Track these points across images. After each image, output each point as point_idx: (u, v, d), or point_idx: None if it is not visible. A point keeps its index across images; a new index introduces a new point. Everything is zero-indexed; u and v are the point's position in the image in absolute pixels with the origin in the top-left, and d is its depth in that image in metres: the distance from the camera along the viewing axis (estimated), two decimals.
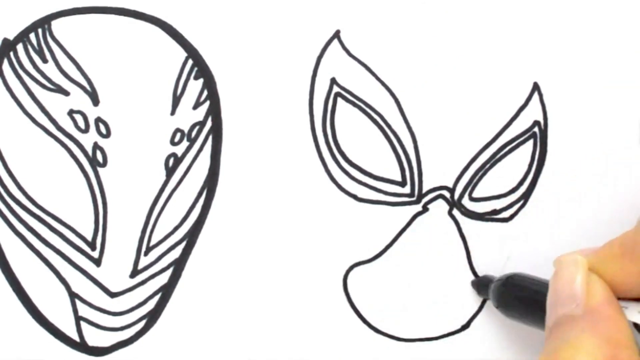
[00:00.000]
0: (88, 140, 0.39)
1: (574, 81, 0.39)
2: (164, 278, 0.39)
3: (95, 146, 0.39)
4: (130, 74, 0.39)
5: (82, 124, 0.39)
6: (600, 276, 0.31)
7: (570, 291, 0.31)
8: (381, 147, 0.39)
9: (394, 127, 0.39)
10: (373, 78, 0.39)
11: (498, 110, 0.39)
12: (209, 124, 0.39)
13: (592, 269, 0.31)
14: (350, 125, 0.39)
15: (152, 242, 0.39)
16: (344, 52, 0.39)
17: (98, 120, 0.39)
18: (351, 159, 0.39)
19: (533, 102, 0.39)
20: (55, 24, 0.39)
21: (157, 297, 0.39)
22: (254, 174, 0.39)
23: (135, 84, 0.39)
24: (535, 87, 0.39)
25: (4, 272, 0.39)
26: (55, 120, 0.39)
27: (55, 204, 0.39)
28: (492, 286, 0.37)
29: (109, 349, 0.39)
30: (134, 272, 0.39)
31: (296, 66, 0.39)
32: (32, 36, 0.39)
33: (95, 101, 0.39)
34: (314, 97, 0.39)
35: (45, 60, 0.39)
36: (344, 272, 0.39)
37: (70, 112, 0.39)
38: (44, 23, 0.39)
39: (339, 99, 0.39)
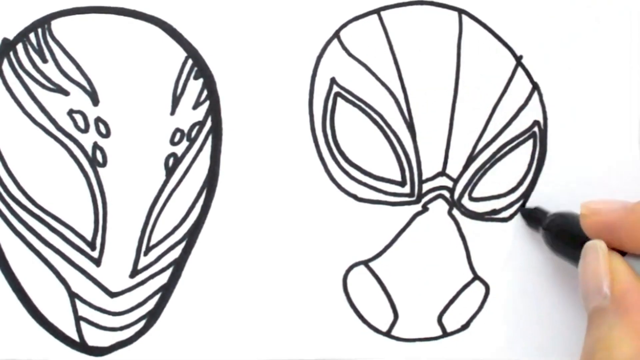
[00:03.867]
0: (88, 140, 0.39)
1: (574, 81, 0.39)
2: (163, 278, 0.39)
3: (95, 146, 0.39)
4: (130, 73, 0.39)
5: (82, 124, 0.39)
6: (632, 237, 0.31)
7: (596, 284, 0.31)
8: (381, 147, 0.39)
9: (394, 127, 0.39)
10: (373, 78, 0.39)
11: (498, 110, 0.39)
12: (208, 123, 0.39)
13: (624, 228, 0.31)
14: (350, 125, 0.39)
15: (152, 242, 0.39)
16: (344, 52, 0.39)
17: (98, 120, 0.39)
18: (351, 159, 0.39)
19: (533, 102, 0.39)
20: (55, 24, 0.39)
21: (156, 297, 0.39)
22: (254, 174, 0.39)
23: (135, 84, 0.39)
24: (535, 87, 0.39)
25: (4, 272, 0.39)
26: (55, 120, 0.39)
27: (55, 204, 0.39)
28: (546, 224, 0.37)
29: (109, 348, 0.39)
30: (134, 272, 0.39)
31: (296, 66, 0.39)
32: (32, 36, 0.39)
33: (95, 101, 0.39)
34: (314, 97, 0.39)
35: (45, 60, 0.39)
36: (344, 272, 0.39)
37: (70, 112, 0.39)
38: (44, 23, 0.39)
39: (339, 99, 0.39)
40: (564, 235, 0.36)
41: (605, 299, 0.30)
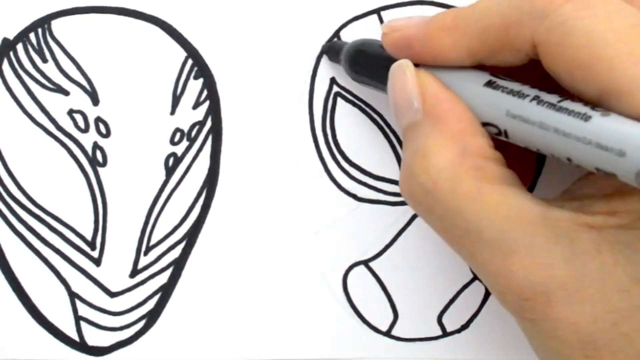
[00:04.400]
0: (88, 140, 0.39)
1: None
2: (163, 278, 0.39)
3: (95, 146, 0.39)
4: (130, 73, 0.39)
5: (82, 124, 0.39)
6: (429, 48, 0.31)
7: (407, 101, 0.31)
8: (381, 147, 0.39)
9: (394, 127, 0.39)
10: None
11: None
12: (208, 123, 0.39)
13: (422, 40, 0.31)
14: (350, 125, 0.39)
15: (152, 242, 0.39)
16: None
17: (98, 120, 0.39)
18: (351, 158, 0.39)
19: None
20: (55, 24, 0.39)
21: (156, 297, 0.39)
22: (254, 174, 0.39)
23: (135, 84, 0.39)
24: None
25: (4, 272, 0.39)
26: (55, 120, 0.39)
27: (55, 203, 0.39)
28: (344, 51, 0.36)
29: (109, 348, 0.39)
30: (134, 272, 0.39)
31: (296, 66, 0.39)
32: (32, 36, 0.39)
33: (95, 101, 0.39)
34: (314, 97, 0.39)
35: (45, 60, 0.39)
36: (343, 272, 0.39)
37: (70, 112, 0.39)
38: (44, 23, 0.39)
39: (339, 99, 0.39)
40: (363, 58, 0.35)
41: (417, 113, 0.30)
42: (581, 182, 0.30)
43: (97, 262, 0.39)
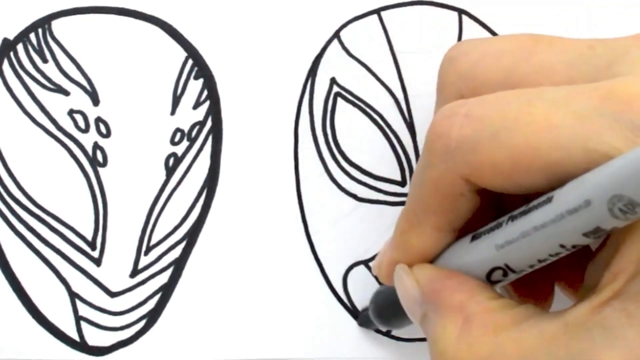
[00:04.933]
0: (88, 140, 0.39)
1: None
2: (164, 278, 0.39)
3: (95, 146, 0.39)
4: (130, 74, 0.39)
5: (82, 124, 0.39)
6: (407, 255, 0.31)
7: (410, 298, 0.31)
8: (381, 147, 0.39)
9: (394, 127, 0.39)
10: (373, 78, 0.39)
11: None
12: (209, 123, 0.39)
13: (397, 255, 0.31)
14: (350, 125, 0.39)
15: (152, 242, 0.39)
16: (344, 52, 0.39)
17: (98, 120, 0.39)
18: (351, 159, 0.39)
19: None
20: (56, 24, 0.39)
21: (157, 297, 0.39)
22: (254, 174, 0.39)
23: (135, 84, 0.39)
24: None
25: (4, 272, 0.39)
26: (55, 120, 0.39)
27: (55, 203, 0.39)
28: (370, 313, 0.37)
29: (109, 348, 0.39)
30: (134, 272, 0.39)
31: (296, 66, 0.39)
32: (32, 36, 0.39)
33: (95, 101, 0.39)
34: (314, 97, 0.39)
35: (45, 60, 0.39)
36: (343, 272, 0.39)
37: (70, 112, 0.39)
38: (44, 23, 0.39)
39: (339, 99, 0.39)
40: (381, 311, 0.36)
41: (421, 305, 0.30)
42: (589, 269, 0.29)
43: (97, 262, 0.39)
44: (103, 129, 0.39)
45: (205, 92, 0.39)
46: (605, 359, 0.24)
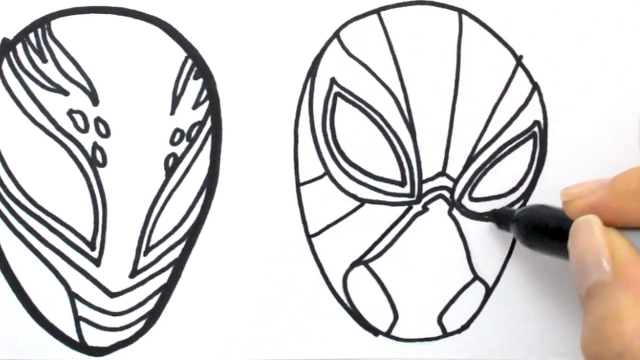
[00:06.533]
0: (88, 140, 0.39)
1: (574, 81, 0.39)
2: (163, 278, 0.39)
3: (95, 146, 0.39)
4: (130, 74, 0.39)
5: (81, 124, 0.39)
6: (618, 213, 0.31)
7: (595, 259, 0.30)
8: (381, 147, 0.39)
9: (394, 127, 0.39)
10: (373, 78, 0.39)
11: (498, 110, 0.39)
12: (208, 123, 0.39)
13: (609, 206, 0.31)
14: (350, 125, 0.39)
15: (152, 242, 0.39)
16: (344, 52, 0.39)
17: (98, 120, 0.39)
18: (351, 159, 0.39)
19: (533, 102, 0.39)
20: (55, 24, 0.39)
21: (156, 297, 0.39)
22: (254, 174, 0.39)
23: (134, 84, 0.39)
24: (535, 87, 0.39)
25: (4, 272, 0.39)
26: (54, 120, 0.39)
27: (55, 204, 0.39)
28: (516, 217, 0.36)
29: (109, 349, 0.39)
30: (134, 272, 0.39)
31: (296, 66, 0.39)
32: (31, 36, 0.39)
33: (95, 101, 0.39)
34: (314, 97, 0.39)
35: (44, 60, 0.39)
36: (344, 272, 0.39)
37: (70, 112, 0.39)
38: (44, 23, 0.39)
39: (339, 99, 0.39)
40: (536, 225, 0.35)
41: (605, 273, 0.30)
42: None
43: (97, 262, 0.39)
44: (102, 129, 0.39)
45: (205, 92, 0.39)
46: None
